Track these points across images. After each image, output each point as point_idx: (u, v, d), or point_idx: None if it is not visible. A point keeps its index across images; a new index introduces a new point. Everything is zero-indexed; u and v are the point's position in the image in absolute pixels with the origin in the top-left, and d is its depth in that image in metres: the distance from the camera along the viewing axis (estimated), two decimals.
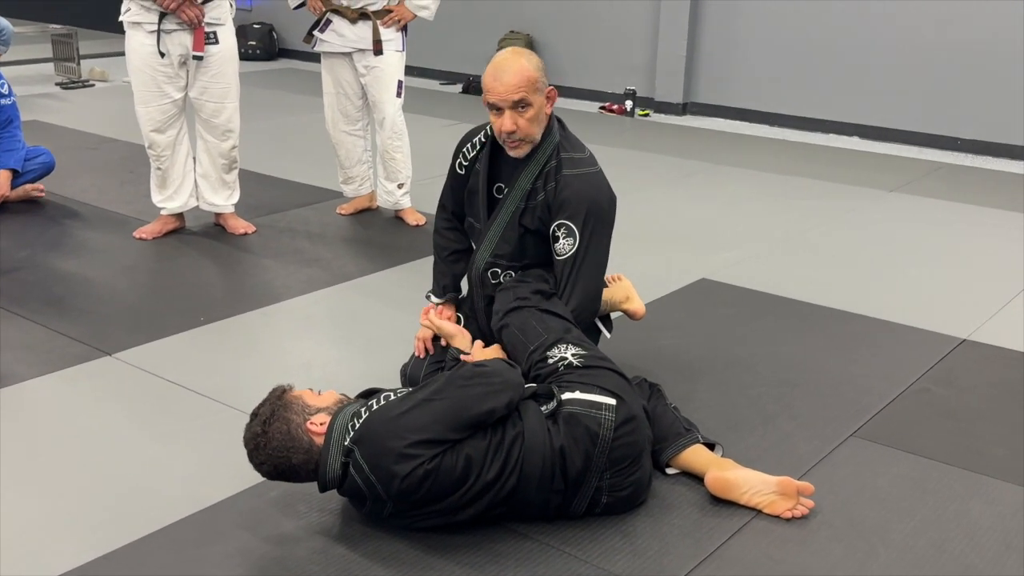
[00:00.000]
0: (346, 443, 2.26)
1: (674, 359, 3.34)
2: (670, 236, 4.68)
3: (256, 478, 2.54)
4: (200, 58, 4.26)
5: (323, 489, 2.34)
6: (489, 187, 2.91)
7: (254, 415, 2.35)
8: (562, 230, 2.76)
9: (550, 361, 2.53)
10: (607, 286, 3.02)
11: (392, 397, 2.35)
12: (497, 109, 2.71)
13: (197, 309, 3.73)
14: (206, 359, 3.34)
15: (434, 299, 3.10)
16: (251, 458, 2.32)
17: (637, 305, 3.13)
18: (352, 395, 2.50)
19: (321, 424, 2.31)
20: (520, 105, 2.69)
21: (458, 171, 2.99)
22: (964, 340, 3.53)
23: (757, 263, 4.32)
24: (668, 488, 2.56)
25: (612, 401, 2.38)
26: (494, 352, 2.68)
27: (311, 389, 2.43)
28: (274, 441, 2.28)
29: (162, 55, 4.21)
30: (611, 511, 2.42)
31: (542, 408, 2.37)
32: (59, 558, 2.28)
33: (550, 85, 2.78)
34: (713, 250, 4.48)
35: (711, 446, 2.65)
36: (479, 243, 2.92)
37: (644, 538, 2.36)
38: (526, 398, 2.40)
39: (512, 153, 2.79)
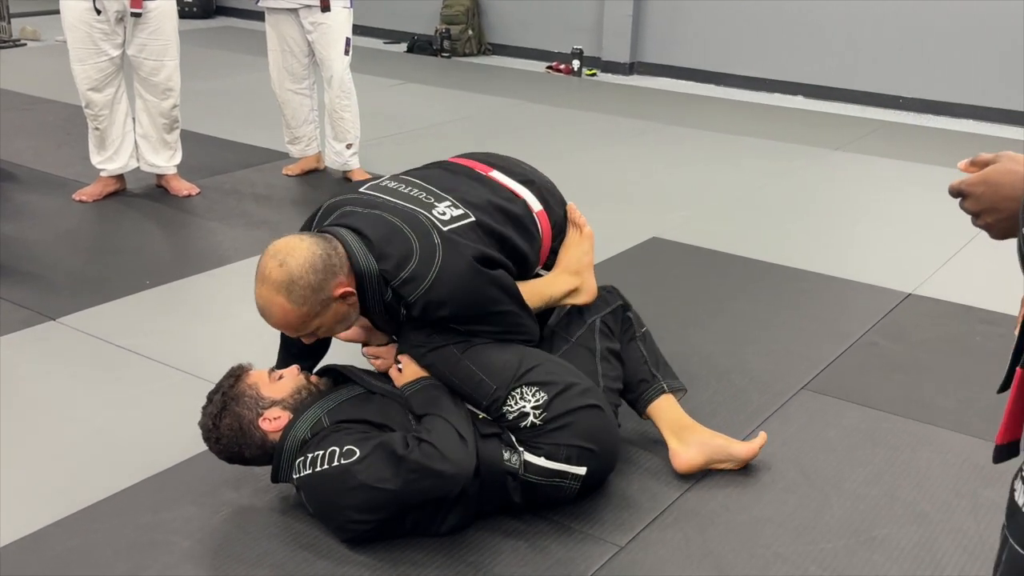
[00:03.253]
0: (293, 477, 2.19)
1: None
2: (620, 196, 4.68)
3: None
4: (138, 15, 4.14)
5: (275, 481, 2.28)
6: None
7: (208, 400, 2.27)
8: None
9: (510, 418, 2.23)
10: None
11: (335, 456, 2.11)
12: None
13: (142, 272, 3.65)
14: (154, 323, 3.28)
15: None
16: (206, 444, 2.28)
17: (582, 298, 2.56)
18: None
19: (276, 419, 2.21)
20: (305, 335, 2.27)
21: None
22: (909, 294, 3.60)
23: (707, 222, 4.35)
24: (626, 444, 2.57)
25: (581, 471, 2.23)
26: (415, 374, 2.33)
27: (270, 370, 2.32)
28: (224, 438, 2.22)
29: (98, 12, 4.08)
30: None
31: (506, 456, 2.20)
32: (9, 526, 2.23)
33: (334, 292, 2.17)
34: (663, 209, 4.50)
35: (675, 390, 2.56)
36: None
37: (604, 493, 2.38)
38: (487, 436, 2.21)
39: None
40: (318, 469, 2.12)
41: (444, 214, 2.33)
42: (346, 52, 4.53)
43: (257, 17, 4.72)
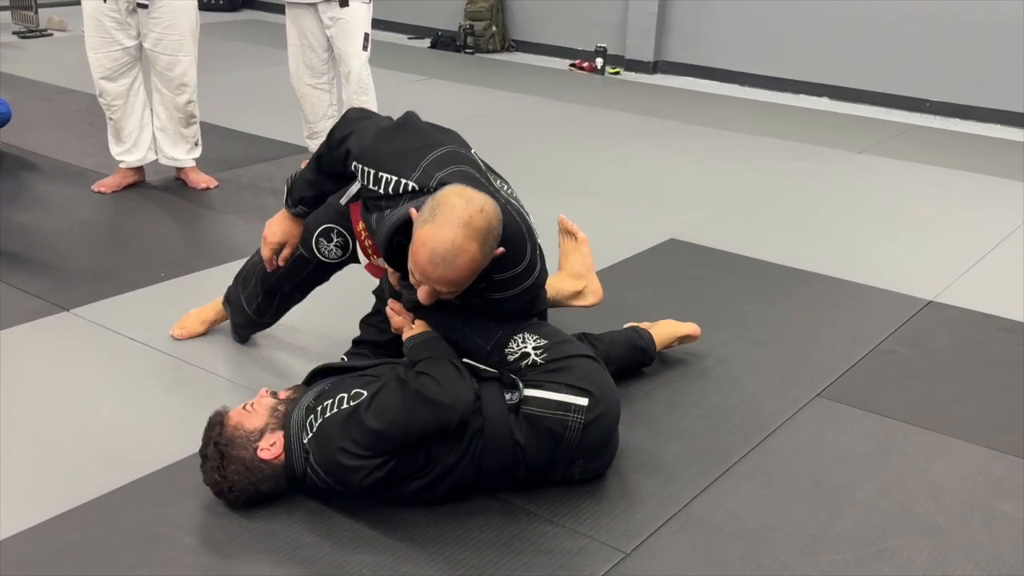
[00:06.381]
0: (304, 442, 2.21)
1: (641, 319, 3.31)
2: (639, 196, 4.65)
3: None
4: (144, 7, 4.13)
5: (291, 481, 2.27)
6: None
7: (203, 457, 2.24)
8: None
9: (511, 358, 2.33)
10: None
11: (343, 400, 2.21)
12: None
13: (157, 264, 3.66)
14: (167, 315, 3.26)
15: (292, 211, 2.67)
16: (218, 494, 2.26)
17: (589, 300, 2.89)
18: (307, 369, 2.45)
19: (272, 445, 2.22)
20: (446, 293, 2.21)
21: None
22: (930, 302, 3.55)
23: (726, 224, 4.31)
24: (635, 448, 2.55)
25: (584, 402, 2.25)
26: (422, 328, 2.44)
27: (242, 407, 2.30)
28: (237, 484, 2.21)
29: (104, 0, 4.09)
30: (584, 482, 2.39)
31: (507, 396, 2.27)
32: (13, 518, 2.23)
33: (496, 249, 2.20)
34: (682, 210, 4.46)
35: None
36: None
37: (611, 498, 2.35)
38: (489, 379, 2.30)
39: None
40: (327, 416, 2.19)
41: (533, 224, 2.39)
42: (364, 47, 4.52)
43: (283, 10, 4.71)
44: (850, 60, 6.78)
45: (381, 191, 2.30)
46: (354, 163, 2.37)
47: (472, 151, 2.45)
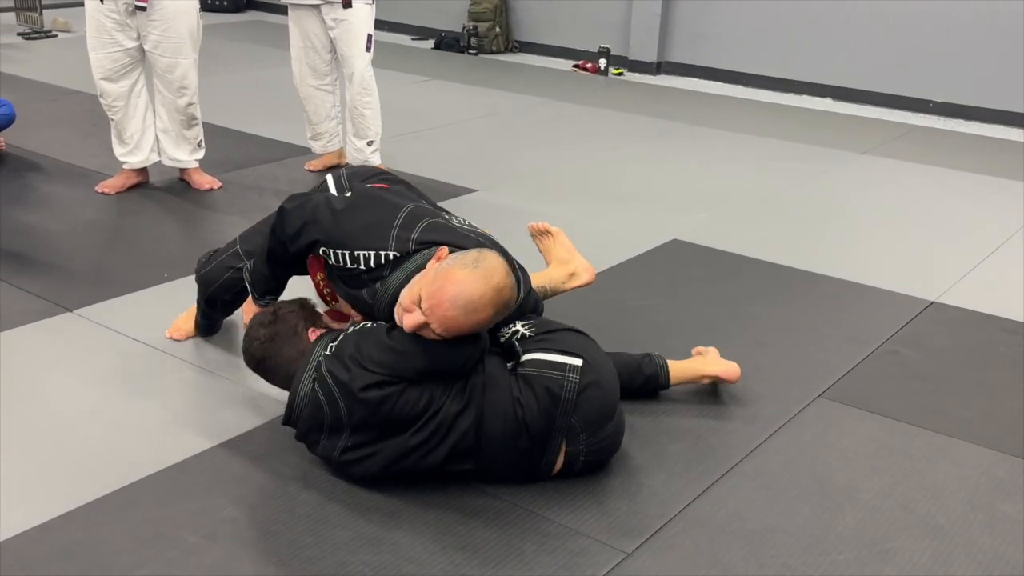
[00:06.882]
0: (320, 358, 2.30)
1: (644, 320, 3.32)
2: (642, 197, 4.65)
3: (220, 437, 2.53)
4: (142, 9, 4.13)
5: (289, 411, 2.33)
6: None
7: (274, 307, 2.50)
8: None
9: (503, 339, 2.45)
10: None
11: (365, 325, 2.36)
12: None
13: (161, 265, 3.66)
14: (170, 316, 3.27)
15: (262, 303, 2.72)
16: (249, 332, 2.46)
17: (583, 277, 2.96)
18: None
19: (315, 334, 2.39)
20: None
21: None
22: (933, 303, 3.55)
23: (729, 224, 4.31)
24: (637, 448, 2.55)
25: (577, 362, 2.33)
26: None
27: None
28: (279, 323, 2.42)
29: (101, 1, 4.10)
30: (588, 470, 2.40)
31: (507, 365, 2.36)
32: (17, 517, 2.23)
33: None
34: (685, 211, 4.46)
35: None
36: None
37: (613, 498, 2.36)
38: (489, 352, 2.38)
39: None
40: (348, 332, 2.33)
41: (491, 235, 2.55)
42: (367, 49, 4.52)
43: (286, 12, 4.72)
44: (853, 61, 6.78)
45: (362, 267, 2.42)
46: (322, 249, 2.46)
47: (423, 201, 2.65)
